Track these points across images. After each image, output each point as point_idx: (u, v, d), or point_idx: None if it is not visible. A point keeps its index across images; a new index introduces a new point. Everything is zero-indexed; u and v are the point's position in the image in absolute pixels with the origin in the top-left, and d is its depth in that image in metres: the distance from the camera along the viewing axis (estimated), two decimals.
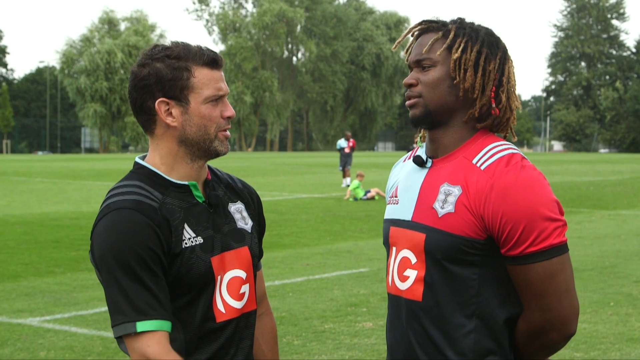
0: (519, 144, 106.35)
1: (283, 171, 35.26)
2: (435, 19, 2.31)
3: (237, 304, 2.28)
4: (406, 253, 2.24)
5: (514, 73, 2.29)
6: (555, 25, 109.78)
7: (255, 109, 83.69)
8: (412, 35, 2.34)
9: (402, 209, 2.29)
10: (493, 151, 2.18)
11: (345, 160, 25.70)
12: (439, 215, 2.17)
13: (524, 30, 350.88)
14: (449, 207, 2.16)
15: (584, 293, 8.53)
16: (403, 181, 2.35)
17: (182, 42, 2.26)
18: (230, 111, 2.26)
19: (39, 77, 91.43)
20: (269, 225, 14.65)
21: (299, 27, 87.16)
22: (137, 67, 2.22)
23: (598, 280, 9.23)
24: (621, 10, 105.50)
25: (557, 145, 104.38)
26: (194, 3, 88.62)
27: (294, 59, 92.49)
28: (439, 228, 2.16)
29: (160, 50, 2.22)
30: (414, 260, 2.22)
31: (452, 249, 2.14)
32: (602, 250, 11.67)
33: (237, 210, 2.36)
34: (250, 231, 2.36)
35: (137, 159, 2.28)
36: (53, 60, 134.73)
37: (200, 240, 2.21)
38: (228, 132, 2.28)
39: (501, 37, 2.32)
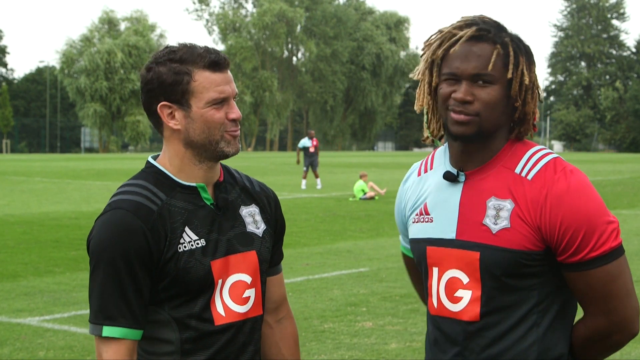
0: None
1: (283, 171, 35.26)
2: (480, 23, 2.15)
3: (240, 308, 2.26)
4: (455, 273, 2.15)
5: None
6: (555, 25, 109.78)
7: (255, 108, 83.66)
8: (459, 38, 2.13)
9: (440, 227, 2.18)
10: (535, 158, 2.12)
11: (311, 160, 25.04)
12: (493, 232, 2.09)
13: (524, 30, 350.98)
14: (504, 222, 2.09)
15: None
16: (433, 197, 2.23)
17: (188, 44, 2.24)
18: (235, 113, 2.24)
19: (39, 77, 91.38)
20: None
21: (299, 27, 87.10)
22: (144, 70, 2.24)
23: None
24: (621, 10, 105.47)
25: (557, 145, 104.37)
26: (194, 3, 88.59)
27: (294, 59, 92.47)
28: (495, 245, 2.09)
29: (165, 53, 2.22)
30: (465, 280, 2.14)
31: (512, 264, 2.08)
32: None
33: (250, 214, 2.34)
34: (261, 235, 2.34)
35: (149, 159, 2.31)
36: (53, 60, 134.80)
37: (202, 242, 2.21)
38: (237, 133, 2.25)
39: None
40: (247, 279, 2.28)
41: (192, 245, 2.19)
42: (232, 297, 2.25)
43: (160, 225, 2.16)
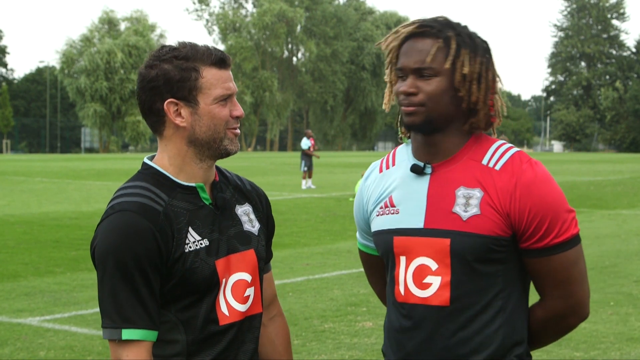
0: (519, 143, 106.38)
1: (283, 171, 35.26)
2: (426, 21, 2.26)
3: (242, 307, 2.27)
4: (424, 260, 2.24)
5: (499, 74, 2.33)
6: (555, 25, 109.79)
7: (255, 108, 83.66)
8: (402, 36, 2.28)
9: (408, 217, 2.26)
10: (500, 151, 2.24)
11: (311, 160, 25.11)
12: (464, 219, 2.19)
13: (524, 30, 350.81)
14: (474, 210, 2.19)
15: None
16: (399, 190, 2.31)
17: (189, 43, 2.24)
18: (239, 110, 2.26)
19: (39, 77, 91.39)
20: None
21: (299, 27, 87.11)
22: (144, 68, 2.22)
23: (598, 280, 9.23)
24: (621, 10, 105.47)
25: (557, 145, 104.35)
26: (194, 3, 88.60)
27: (294, 59, 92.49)
28: (466, 231, 2.19)
29: (168, 51, 2.22)
30: (434, 266, 2.22)
31: (482, 249, 2.18)
32: (602, 250, 11.67)
33: (245, 212, 2.35)
34: (257, 234, 2.36)
35: (146, 160, 2.29)
36: (53, 60, 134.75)
37: (206, 243, 2.21)
38: (238, 131, 2.27)
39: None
40: (247, 277, 2.29)
41: (196, 245, 2.19)
42: (234, 296, 2.26)
43: (167, 225, 2.15)
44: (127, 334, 2.10)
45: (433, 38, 2.22)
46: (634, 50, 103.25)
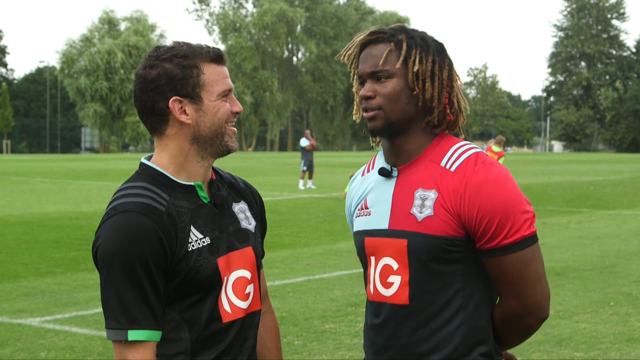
0: (519, 143, 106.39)
1: (283, 171, 35.25)
2: (380, 29, 2.35)
3: (243, 304, 2.29)
4: (387, 261, 2.30)
5: (458, 74, 2.38)
6: (555, 25, 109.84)
7: (255, 109, 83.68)
8: (356, 47, 2.38)
9: (376, 219, 2.34)
10: (458, 152, 2.28)
11: (311, 160, 25.08)
12: (419, 220, 2.25)
13: (524, 30, 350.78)
14: (428, 211, 2.24)
15: (584, 293, 8.54)
16: (372, 193, 2.38)
17: (183, 42, 2.26)
18: (238, 106, 2.29)
19: (39, 77, 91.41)
20: (270, 225, 14.63)
21: (299, 27, 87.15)
22: (143, 69, 2.21)
23: (598, 280, 9.24)
24: (621, 10, 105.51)
25: (557, 145, 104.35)
26: (194, 3, 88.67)
27: (294, 59, 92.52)
28: (420, 231, 2.24)
29: (166, 50, 2.22)
30: (395, 266, 2.29)
31: (436, 249, 2.23)
32: (602, 250, 11.67)
33: (241, 210, 2.37)
34: (253, 231, 2.38)
35: (143, 160, 2.29)
36: (53, 60, 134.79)
37: (207, 241, 2.23)
38: (234, 128, 2.30)
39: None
40: (247, 274, 2.31)
41: (199, 244, 2.21)
42: (235, 294, 2.28)
43: (170, 225, 2.15)
44: (133, 334, 2.10)
45: (386, 42, 2.30)
46: (634, 50, 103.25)
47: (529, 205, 2.23)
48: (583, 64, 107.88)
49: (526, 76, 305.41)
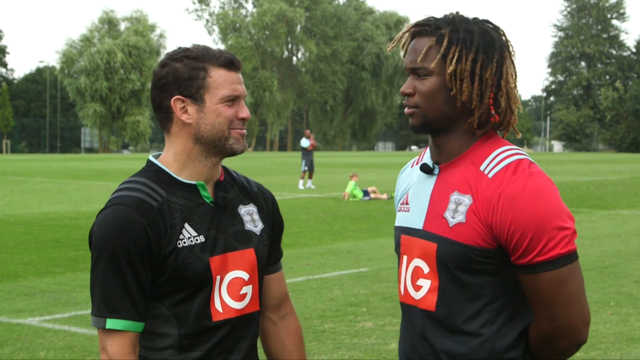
0: (519, 143, 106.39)
1: (283, 171, 35.26)
2: (428, 19, 2.24)
3: (237, 305, 2.31)
4: (418, 262, 2.22)
5: (513, 71, 2.23)
6: (555, 25, 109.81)
7: (255, 108, 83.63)
8: (405, 38, 2.28)
9: (414, 217, 2.26)
10: (500, 157, 2.15)
11: (312, 160, 25.10)
12: (450, 225, 2.15)
13: (524, 30, 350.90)
14: (460, 217, 2.14)
15: None
16: (414, 188, 2.32)
17: (203, 45, 2.33)
18: (245, 112, 2.31)
19: (38, 77, 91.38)
20: None
21: (299, 27, 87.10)
22: (158, 67, 2.31)
23: (598, 280, 9.23)
24: (621, 10, 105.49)
25: (557, 145, 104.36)
26: (194, 3, 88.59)
27: (294, 59, 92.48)
28: (450, 238, 2.14)
29: (181, 51, 2.31)
30: (426, 269, 2.20)
31: (463, 258, 2.12)
32: (602, 250, 11.67)
33: (248, 212, 2.40)
34: (258, 234, 2.40)
35: (151, 157, 2.36)
36: (53, 60, 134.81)
37: (201, 239, 2.27)
38: (244, 131, 2.33)
39: (499, 27, 2.24)
40: (244, 275, 2.33)
41: (191, 241, 2.25)
42: (229, 294, 2.30)
43: (160, 220, 2.22)
44: (111, 323, 2.18)
45: (429, 36, 2.20)
46: (634, 50, 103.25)
47: (570, 221, 2.08)
48: (583, 64, 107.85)
49: (526, 76, 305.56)
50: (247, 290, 2.34)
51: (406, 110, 2.22)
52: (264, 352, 2.56)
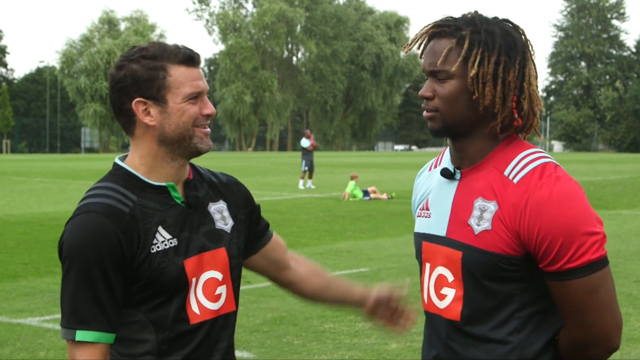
0: None
1: (283, 171, 35.24)
2: (447, 20, 2.16)
3: (213, 305, 2.28)
4: (442, 270, 2.16)
5: (535, 72, 2.17)
6: (555, 25, 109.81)
7: (255, 108, 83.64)
8: (422, 38, 2.20)
9: (436, 223, 2.20)
10: (525, 161, 2.08)
11: (312, 160, 25.08)
12: (475, 233, 2.08)
13: (523, 30, 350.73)
14: (486, 224, 2.07)
15: None
16: (434, 193, 2.25)
17: (158, 42, 2.26)
18: (209, 109, 2.25)
19: (39, 77, 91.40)
20: (270, 225, 14.63)
21: (299, 27, 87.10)
22: (114, 70, 2.23)
23: None
24: (621, 10, 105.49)
25: (557, 145, 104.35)
26: (194, 3, 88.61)
27: (294, 58, 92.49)
28: (476, 246, 2.08)
29: (136, 51, 2.23)
30: (450, 278, 2.14)
31: (490, 266, 2.06)
32: None
33: (218, 210, 2.35)
34: (229, 232, 2.35)
35: (117, 160, 2.30)
36: (53, 60, 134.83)
37: (175, 242, 2.22)
38: (208, 129, 2.26)
39: (519, 27, 2.18)
40: (218, 276, 2.29)
41: (165, 245, 2.20)
42: (205, 295, 2.26)
43: (132, 227, 2.16)
44: (80, 335, 2.12)
45: (449, 38, 2.12)
46: (634, 50, 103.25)
47: (599, 226, 2.04)
48: (583, 63, 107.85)
49: None
50: (222, 290, 2.30)
51: (425, 113, 2.15)
52: (303, 295, 2.63)
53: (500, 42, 2.10)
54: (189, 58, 2.22)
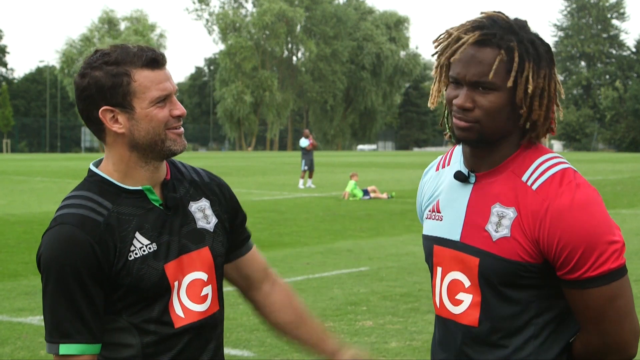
0: None
1: (283, 170, 35.24)
2: (487, 26, 2.05)
3: (199, 307, 2.24)
4: (457, 275, 2.13)
5: (558, 79, 2.14)
6: (555, 25, 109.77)
7: (255, 108, 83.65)
8: (457, 41, 2.07)
9: (448, 227, 2.15)
10: (543, 167, 2.05)
11: (312, 159, 25.05)
12: (493, 239, 2.05)
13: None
14: (504, 231, 2.04)
15: None
16: (445, 195, 2.20)
17: (120, 45, 2.18)
18: (179, 109, 2.19)
19: (39, 77, 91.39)
20: (269, 224, 14.67)
21: (298, 27, 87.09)
22: (78, 77, 2.17)
23: None
24: (621, 10, 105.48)
25: (557, 145, 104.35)
26: (194, 3, 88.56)
27: (294, 58, 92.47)
28: (494, 252, 2.05)
29: (99, 57, 2.16)
30: (467, 283, 2.11)
31: (508, 274, 2.04)
32: None
33: (199, 209, 2.31)
34: (212, 230, 2.30)
35: (91, 166, 2.25)
36: (53, 59, 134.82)
37: (154, 247, 2.18)
38: (180, 129, 2.22)
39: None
40: (203, 276, 2.25)
41: (143, 251, 2.16)
42: (190, 297, 2.23)
43: (108, 236, 2.12)
44: (64, 349, 2.10)
45: (495, 48, 2.02)
46: (634, 50, 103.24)
47: (618, 233, 2.03)
48: (583, 63, 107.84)
49: None
50: (208, 290, 2.26)
51: (462, 124, 2.05)
52: (270, 325, 2.50)
53: (543, 52, 2.06)
54: (153, 60, 2.15)
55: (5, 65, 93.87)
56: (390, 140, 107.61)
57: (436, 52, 2.13)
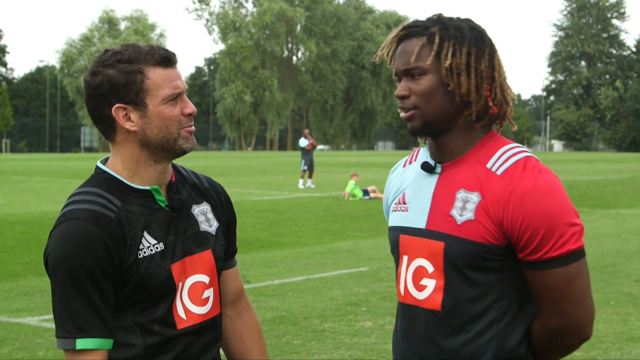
0: (519, 142, 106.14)
1: (283, 170, 35.26)
2: (415, 22, 2.22)
3: (200, 310, 2.25)
4: (421, 262, 2.19)
5: (502, 63, 2.24)
6: (555, 25, 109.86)
7: (255, 108, 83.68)
8: (392, 43, 2.24)
9: (414, 216, 2.23)
10: (507, 155, 2.15)
11: (311, 159, 25.05)
12: (458, 223, 2.13)
13: (524, 30, 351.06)
14: (469, 214, 2.12)
15: None
16: (411, 187, 2.27)
17: (132, 44, 2.20)
18: (190, 108, 2.21)
19: (38, 77, 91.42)
20: (269, 224, 14.67)
21: (299, 27, 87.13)
22: (89, 75, 2.17)
23: (598, 280, 9.22)
24: (621, 10, 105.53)
25: (557, 145, 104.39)
26: (194, 2, 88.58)
27: (294, 58, 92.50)
28: (459, 235, 2.12)
29: (111, 55, 2.17)
30: (430, 269, 2.17)
31: (473, 256, 2.11)
32: (602, 249, 11.66)
33: (202, 212, 2.32)
34: (214, 233, 2.32)
35: (99, 164, 2.25)
36: (53, 59, 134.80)
37: (161, 247, 2.19)
38: (192, 127, 2.23)
39: (482, 25, 2.24)
40: (205, 279, 2.26)
41: (151, 250, 2.17)
42: (191, 299, 2.24)
43: (119, 232, 2.13)
44: (81, 343, 2.09)
45: (419, 37, 2.17)
46: (634, 49, 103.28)
47: (577, 218, 2.10)
48: (583, 63, 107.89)
49: (526, 75, 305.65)
50: (209, 293, 2.27)
51: (403, 114, 2.19)
52: (222, 349, 2.48)
53: (469, 35, 2.17)
54: (165, 59, 2.17)
55: (5, 65, 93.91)
56: (390, 140, 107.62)
57: (388, 62, 2.27)
